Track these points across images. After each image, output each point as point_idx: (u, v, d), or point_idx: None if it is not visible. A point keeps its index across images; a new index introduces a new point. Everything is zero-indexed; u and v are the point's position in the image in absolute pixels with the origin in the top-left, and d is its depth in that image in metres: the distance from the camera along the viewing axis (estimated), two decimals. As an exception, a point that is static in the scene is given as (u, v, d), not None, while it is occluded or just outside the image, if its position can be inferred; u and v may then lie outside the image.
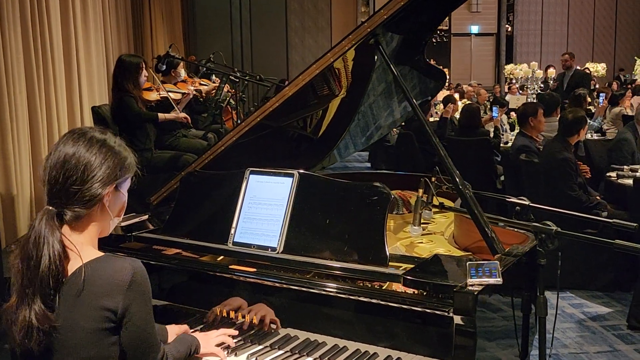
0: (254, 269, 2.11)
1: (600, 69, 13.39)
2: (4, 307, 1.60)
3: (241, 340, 2.02)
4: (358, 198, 2.16)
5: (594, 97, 9.33)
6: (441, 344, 1.78)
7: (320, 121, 2.96)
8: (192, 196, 2.47)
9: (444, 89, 9.92)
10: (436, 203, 2.61)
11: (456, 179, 2.20)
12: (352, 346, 1.93)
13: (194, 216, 2.44)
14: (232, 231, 2.28)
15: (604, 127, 7.93)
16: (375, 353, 1.89)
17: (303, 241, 2.17)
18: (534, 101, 8.57)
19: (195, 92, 6.17)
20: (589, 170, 5.66)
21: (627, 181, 4.93)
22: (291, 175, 2.27)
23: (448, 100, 8.45)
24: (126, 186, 1.73)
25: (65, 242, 1.59)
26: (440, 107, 9.09)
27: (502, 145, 7.10)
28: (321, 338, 1.97)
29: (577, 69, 10.72)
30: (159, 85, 5.56)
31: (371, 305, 1.89)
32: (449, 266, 2.05)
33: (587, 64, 13.88)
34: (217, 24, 15.60)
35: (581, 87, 8.76)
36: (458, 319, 1.75)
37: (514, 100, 10.73)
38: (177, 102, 5.45)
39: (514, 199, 2.53)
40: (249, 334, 2.04)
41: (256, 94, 14.24)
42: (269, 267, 2.13)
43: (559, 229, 2.05)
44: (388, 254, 2.04)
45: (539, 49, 18.97)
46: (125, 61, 4.93)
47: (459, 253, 2.36)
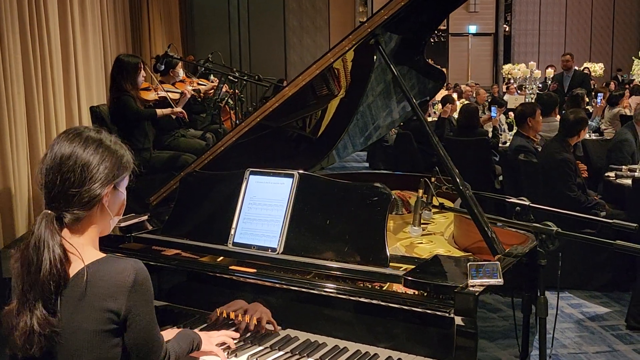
0: (254, 270, 2.11)
1: (598, 69, 13.41)
2: (4, 311, 1.58)
3: (241, 341, 2.02)
4: (358, 198, 2.15)
5: (591, 97, 9.33)
6: (442, 344, 1.78)
7: (319, 121, 2.95)
8: (192, 196, 2.46)
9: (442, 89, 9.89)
10: (436, 203, 2.60)
11: (456, 179, 2.20)
12: (353, 347, 1.93)
13: (194, 217, 2.43)
14: (232, 232, 2.27)
15: (602, 127, 7.93)
16: (376, 354, 1.89)
17: (303, 242, 2.16)
18: (532, 101, 8.57)
19: (194, 92, 6.17)
20: (586, 170, 5.68)
21: (625, 181, 4.93)
22: (291, 175, 2.27)
23: (446, 100, 8.45)
24: (124, 184, 1.71)
25: (66, 245, 1.57)
26: (438, 107, 9.09)
27: (500, 145, 7.10)
28: (321, 339, 1.97)
29: (575, 69, 10.73)
30: (157, 85, 5.55)
31: (371, 306, 1.89)
32: (449, 267, 2.05)
33: (584, 64, 13.90)
34: (215, 23, 15.59)
35: (582, 88, 8.75)
36: (459, 320, 1.74)
37: (512, 100, 10.76)
38: (175, 102, 5.45)
39: (514, 199, 2.52)
40: (249, 334, 2.04)
41: (254, 94, 14.24)
42: (269, 267, 2.12)
43: (560, 230, 2.05)
44: (388, 254, 2.04)
45: (537, 49, 19.00)
46: (124, 61, 4.92)
47: (458, 253, 2.36)
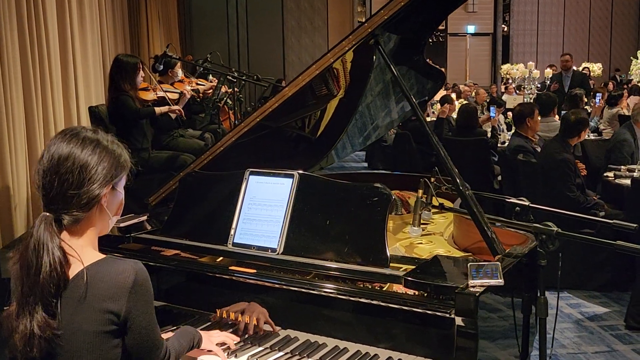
0: (254, 270, 2.11)
1: (596, 69, 13.42)
2: (4, 314, 1.58)
3: (241, 342, 2.01)
4: (358, 199, 2.15)
5: (590, 97, 9.33)
6: (442, 345, 1.78)
7: (318, 121, 2.95)
8: (192, 197, 2.46)
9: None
10: (435, 203, 2.60)
11: (456, 179, 2.20)
12: (353, 347, 1.92)
13: (193, 217, 2.43)
14: (232, 232, 2.27)
15: (601, 127, 7.93)
16: (376, 354, 1.88)
17: (303, 242, 2.16)
18: (530, 101, 8.57)
19: (193, 92, 6.16)
20: (585, 169, 5.67)
21: (624, 181, 4.93)
22: (291, 176, 2.26)
23: (445, 100, 8.45)
24: (122, 184, 1.70)
25: (65, 247, 1.56)
26: (437, 107, 9.09)
27: (499, 145, 7.10)
28: (322, 339, 1.97)
29: (574, 69, 10.73)
30: (156, 85, 5.55)
31: (372, 306, 1.89)
32: (449, 267, 2.05)
33: (583, 64, 13.91)
34: (214, 24, 15.57)
35: (582, 88, 8.75)
36: (459, 321, 1.74)
37: (511, 100, 10.77)
38: (174, 102, 5.45)
39: (514, 200, 2.52)
40: (249, 335, 2.04)
41: (253, 94, 14.24)
42: (269, 268, 2.12)
43: (560, 230, 2.05)
44: (389, 255, 2.04)
45: (535, 49, 19.01)
46: (123, 61, 4.91)
47: (458, 254, 2.36)
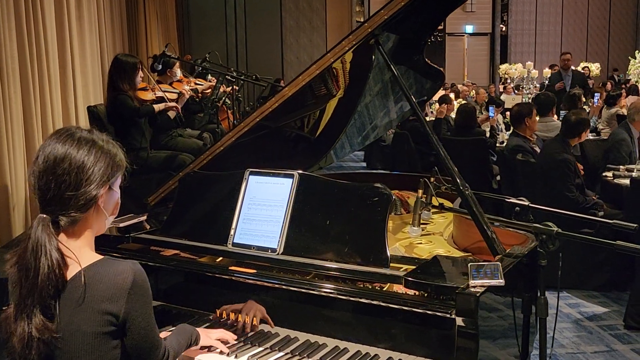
0: (254, 270, 2.10)
1: (595, 68, 13.43)
2: (2, 316, 1.57)
3: (241, 342, 2.01)
4: (359, 199, 2.15)
5: (588, 97, 9.33)
6: (442, 345, 1.78)
7: (317, 121, 2.95)
8: (191, 197, 2.45)
9: (438, 89, 9.89)
10: (435, 203, 2.59)
11: (456, 179, 2.19)
12: (353, 348, 1.92)
13: (193, 217, 2.42)
14: (232, 232, 2.26)
15: (599, 127, 7.94)
16: (377, 355, 1.88)
17: (303, 242, 2.16)
18: (528, 101, 8.58)
19: (191, 91, 6.16)
20: (582, 169, 5.67)
21: (623, 181, 4.93)
22: (291, 176, 2.26)
23: (443, 100, 8.45)
24: (118, 183, 1.69)
25: (63, 248, 1.56)
26: (435, 106, 9.09)
27: (497, 145, 7.10)
28: (322, 339, 1.96)
29: (573, 69, 10.74)
30: (154, 85, 5.54)
31: (372, 306, 1.88)
32: (450, 267, 2.04)
33: (581, 63, 13.92)
34: (212, 23, 15.55)
35: (582, 87, 8.76)
36: (460, 321, 1.74)
37: (509, 100, 10.77)
38: (173, 102, 5.43)
39: (513, 200, 2.52)
40: (249, 335, 2.03)
41: (251, 94, 14.22)
42: (268, 268, 2.11)
43: (560, 230, 2.05)
44: (389, 255, 2.04)
45: (533, 48, 19.03)
46: (122, 61, 4.89)
47: (458, 254, 2.35)
